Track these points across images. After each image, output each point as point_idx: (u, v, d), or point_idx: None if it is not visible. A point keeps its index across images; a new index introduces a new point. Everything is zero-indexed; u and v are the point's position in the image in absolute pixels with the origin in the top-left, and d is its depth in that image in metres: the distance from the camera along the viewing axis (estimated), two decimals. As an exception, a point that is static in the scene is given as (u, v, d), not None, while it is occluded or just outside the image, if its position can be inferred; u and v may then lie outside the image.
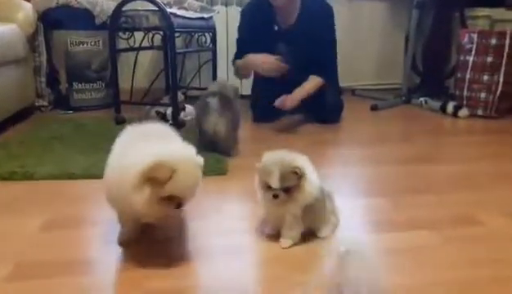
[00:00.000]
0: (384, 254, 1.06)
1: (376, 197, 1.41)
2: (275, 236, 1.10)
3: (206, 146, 1.75)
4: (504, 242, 1.12)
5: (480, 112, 2.59)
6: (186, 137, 1.90)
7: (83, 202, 1.36)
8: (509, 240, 1.13)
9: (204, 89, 2.91)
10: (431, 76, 3.20)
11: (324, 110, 2.35)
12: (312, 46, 2.27)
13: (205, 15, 2.63)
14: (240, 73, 2.45)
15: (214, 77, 2.77)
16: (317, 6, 2.33)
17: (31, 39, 2.49)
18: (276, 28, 2.34)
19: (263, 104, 2.35)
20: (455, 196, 1.42)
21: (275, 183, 1.02)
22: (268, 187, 1.04)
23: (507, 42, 2.49)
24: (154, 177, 0.90)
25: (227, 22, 2.95)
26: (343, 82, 2.62)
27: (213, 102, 1.79)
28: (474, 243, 1.10)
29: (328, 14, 2.34)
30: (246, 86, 2.95)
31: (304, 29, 2.28)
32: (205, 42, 2.72)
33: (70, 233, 1.16)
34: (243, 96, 2.86)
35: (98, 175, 1.54)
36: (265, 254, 1.06)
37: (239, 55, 2.38)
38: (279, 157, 1.06)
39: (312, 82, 2.30)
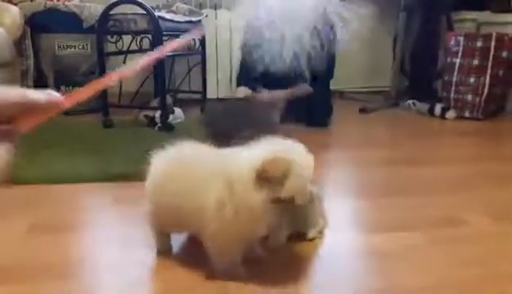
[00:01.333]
0: (370, 255, 1.06)
1: (363, 199, 1.41)
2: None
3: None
4: (489, 241, 1.13)
5: (467, 114, 2.62)
6: (178, 142, 1.88)
7: (70, 206, 1.34)
8: (494, 239, 1.13)
9: (193, 92, 2.94)
10: (419, 79, 3.23)
11: (313, 115, 2.36)
12: (315, 57, 2.28)
13: (194, 19, 2.63)
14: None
15: (204, 80, 2.77)
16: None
17: (18, 43, 2.47)
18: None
19: None
20: (442, 197, 1.43)
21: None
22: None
23: (493, 44, 2.52)
24: (271, 176, 0.79)
25: (216, 25, 2.95)
26: (332, 85, 2.64)
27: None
28: (460, 244, 1.11)
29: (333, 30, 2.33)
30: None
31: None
32: (194, 45, 2.72)
33: (57, 236, 1.14)
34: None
35: (85, 178, 1.55)
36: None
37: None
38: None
39: (301, 90, 2.30)
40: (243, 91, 2.29)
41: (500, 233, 1.18)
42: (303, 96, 2.28)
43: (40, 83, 2.67)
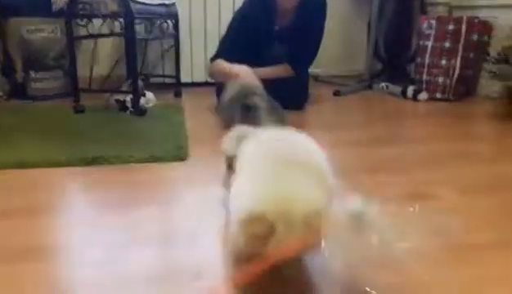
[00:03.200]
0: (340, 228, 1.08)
1: (336, 178, 1.42)
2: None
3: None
4: (457, 213, 1.16)
5: (439, 95, 2.67)
6: (150, 126, 1.87)
7: (39, 191, 1.31)
8: (461, 212, 1.17)
9: (166, 76, 2.90)
10: (393, 62, 3.27)
11: (289, 98, 2.35)
12: (300, 41, 2.29)
13: (167, 2, 2.58)
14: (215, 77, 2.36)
15: (177, 64, 2.73)
16: (315, 2, 2.32)
17: (-17, 27, 2.39)
18: (276, 28, 2.32)
19: None
20: (412, 174, 1.46)
21: None
22: None
23: (464, 27, 2.56)
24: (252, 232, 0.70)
25: (190, 9, 2.90)
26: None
27: (259, 101, 1.57)
28: (428, 216, 1.14)
29: (322, 11, 2.35)
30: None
31: (299, 25, 2.28)
32: (167, 28, 2.68)
33: (28, 221, 1.12)
34: (208, 83, 2.86)
35: (55, 163, 1.52)
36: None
37: (227, 53, 2.27)
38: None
39: (281, 70, 2.30)
40: (220, 63, 2.24)
41: (467, 205, 1.21)
42: (282, 78, 2.28)
43: (8, 69, 2.60)
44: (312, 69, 3.10)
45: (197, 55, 2.96)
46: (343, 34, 3.50)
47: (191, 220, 1.14)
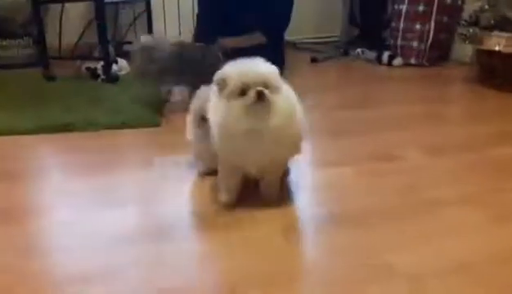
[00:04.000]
0: (309, 187, 1.11)
1: (311, 139, 1.43)
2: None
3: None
4: (418, 172, 1.20)
5: (413, 61, 2.68)
6: (122, 93, 1.84)
7: (7, 158, 1.30)
8: (425, 172, 1.20)
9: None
10: (369, 27, 3.26)
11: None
12: (272, 6, 2.23)
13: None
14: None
15: (150, 29, 2.67)
16: None
17: None
18: None
19: None
20: (383, 136, 1.48)
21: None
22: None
23: (437, -10, 2.56)
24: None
25: (162, -30, 2.82)
26: (285, 35, 2.61)
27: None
28: (393, 176, 1.17)
29: None
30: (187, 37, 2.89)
31: None
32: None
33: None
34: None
35: (24, 131, 1.49)
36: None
37: (205, 22, 2.26)
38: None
39: (253, 39, 2.26)
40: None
41: (431, 165, 1.24)
42: (255, 45, 2.25)
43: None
44: (289, 37, 3.08)
45: (170, 20, 2.89)
46: (319, 1, 3.47)
47: (163, 183, 1.15)
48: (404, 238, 0.88)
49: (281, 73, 0.98)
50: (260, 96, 0.87)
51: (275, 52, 2.38)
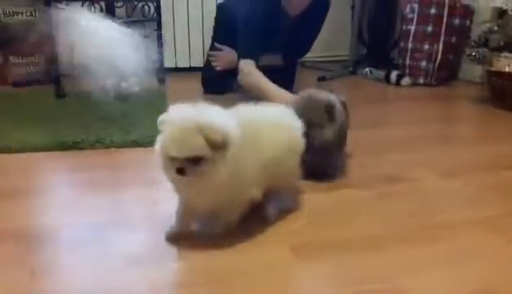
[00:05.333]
0: (322, 209, 1.10)
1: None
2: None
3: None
4: (433, 195, 1.18)
5: (421, 80, 2.69)
6: (132, 111, 1.84)
7: (19, 175, 1.30)
8: (437, 193, 1.19)
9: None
10: (377, 47, 3.28)
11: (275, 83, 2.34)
12: (300, 34, 2.26)
13: (148, -18, 2.54)
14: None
15: (160, 48, 2.69)
16: None
17: (-42, 9, 2.32)
18: (284, 16, 2.20)
19: (214, 73, 2.34)
20: (392, 157, 1.48)
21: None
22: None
23: (446, 11, 2.58)
24: None
25: (173, -9, 2.86)
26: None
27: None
28: (405, 198, 1.16)
29: (328, 8, 2.33)
30: (195, 58, 2.92)
31: (304, 18, 2.21)
32: (149, 11, 2.64)
33: (4, 203, 1.11)
34: (192, 69, 2.85)
35: (36, 148, 1.50)
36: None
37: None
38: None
39: (273, 61, 2.28)
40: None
41: (442, 187, 1.23)
42: (270, 66, 2.26)
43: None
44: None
45: (180, 40, 2.93)
46: (328, 19, 3.48)
47: (173, 203, 1.14)
48: (417, 262, 0.87)
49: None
50: (180, 172, 0.82)
51: (287, 74, 2.40)
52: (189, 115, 0.83)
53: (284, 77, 2.28)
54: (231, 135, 0.83)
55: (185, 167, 0.81)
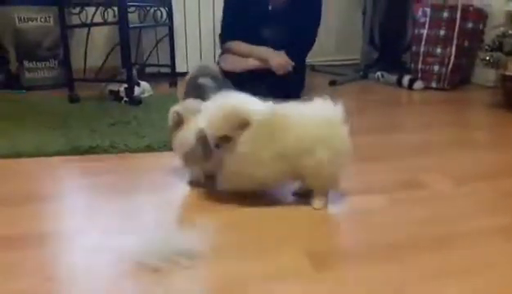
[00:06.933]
0: (338, 216, 1.09)
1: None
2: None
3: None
4: (448, 202, 1.17)
5: (434, 84, 2.67)
6: (145, 116, 1.86)
7: (35, 180, 1.32)
8: (452, 200, 1.18)
9: (161, 65, 2.89)
10: (388, 50, 3.27)
11: (284, 87, 2.35)
12: (298, 25, 2.26)
13: (160, -11, 2.56)
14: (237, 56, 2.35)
15: (172, 53, 2.71)
16: None
17: (-25, 16, 2.36)
18: (270, 7, 2.29)
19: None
20: (405, 162, 1.47)
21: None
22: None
23: (458, 15, 2.56)
24: None
25: (184, -4, 2.88)
26: (303, 57, 2.63)
27: (208, 81, 1.77)
28: (420, 204, 1.15)
29: None
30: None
31: (296, 8, 2.25)
32: (161, 16, 2.66)
33: (20, 209, 1.12)
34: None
35: (50, 152, 1.52)
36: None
37: (229, 35, 2.31)
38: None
39: (275, 54, 2.29)
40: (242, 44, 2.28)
41: (458, 195, 1.22)
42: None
43: (1, 58, 2.57)
44: (307, 59, 3.10)
45: (192, 44, 2.94)
46: (339, 23, 3.50)
47: (186, 208, 1.15)
48: (437, 272, 0.86)
49: (300, 97, 1.02)
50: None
51: (296, 75, 2.40)
52: (222, 100, 1.04)
53: (293, 79, 2.29)
54: (253, 117, 1.02)
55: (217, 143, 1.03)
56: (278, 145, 1.04)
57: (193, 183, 1.25)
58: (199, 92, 1.79)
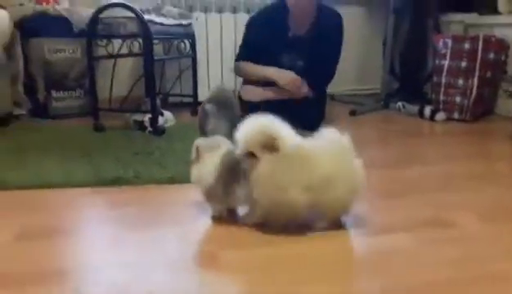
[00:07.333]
0: (361, 257, 1.07)
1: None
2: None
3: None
4: (477, 242, 1.14)
5: (456, 115, 2.65)
6: (168, 145, 1.88)
7: (61, 211, 1.34)
8: (482, 240, 1.15)
9: (184, 95, 2.94)
10: (409, 81, 3.27)
11: (305, 117, 2.36)
12: (318, 55, 2.30)
13: (184, 22, 2.63)
14: (245, 76, 2.45)
15: (195, 83, 2.77)
16: (331, 16, 2.34)
17: (8, 47, 2.45)
18: (290, 34, 2.34)
19: (245, 109, 2.38)
20: (430, 197, 1.45)
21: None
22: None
23: (480, 46, 2.55)
24: None
25: (207, 28, 2.96)
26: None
27: (210, 107, 1.85)
28: (449, 245, 1.12)
29: (340, 28, 2.37)
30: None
31: (316, 38, 2.30)
32: (185, 48, 2.73)
33: (47, 242, 1.14)
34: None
35: (76, 183, 1.55)
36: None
37: (246, 56, 2.37)
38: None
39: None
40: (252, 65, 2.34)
41: (487, 234, 1.19)
42: (299, 98, 2.30)
43: (30, 88, 2.66)
44: (328, 88, 3.13)
45: (214, 75, 3.00)
46: (359, 53, 3.52)
47: (210, 242, 1.15)
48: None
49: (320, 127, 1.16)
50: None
51: (317, 105, 2.42)
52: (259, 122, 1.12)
53: (312, 108, 2.30)
54: (283, 143, 1.08)
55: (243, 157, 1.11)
56: (303, 177, 1.09)
57: (216, 217, 1.26)
58: (203, 117, 1.90)
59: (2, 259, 1.06)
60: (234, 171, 1.16)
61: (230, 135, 1.89)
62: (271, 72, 2.26)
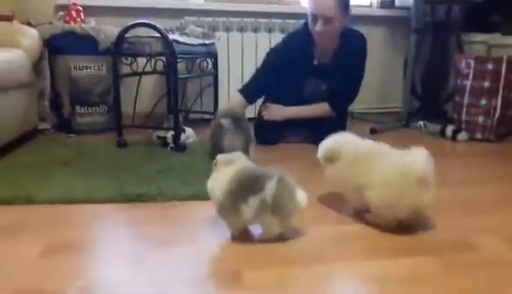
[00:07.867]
0: (386, 281, 1.06)
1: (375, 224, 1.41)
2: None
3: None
4: (502, 266, 1.12)
5: (479, 136, 2.61)
6: (190, 162, 1.91)
7: (85, 228, 1.36)
8: (507, 264, 1.13)
9: (205, 112, 2.98)
10: (430, 100, 3.25)
11: (326, 136, 2.38)
12: (340, 78, 2.35)
13: (207, 42, 2.68)
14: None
15: (216, 100, 2.80)
16: (355, 39, 2.39)
17: (36, 64, 2.53)
18: (315, 62, 2.40)
19: (267, 125, 2.41)
20: (454, 220, 1.42)
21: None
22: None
23: (504, 67, 2.53)
24: None
25: (228, 47, 3.00)
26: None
27: (227, 122, 1.88)
28: (476, 271, 1.10)
29: (363, 50, 2.40)
30: (249, 108, 2.99)
31: (339, 66, 2.35)
32: (207, 67, 2.77)
33: (71, 258, 1.16)
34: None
35: (100, 199, 1.57)
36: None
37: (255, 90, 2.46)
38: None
39: (318, 110, 2.36)
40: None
41: (515, 258, 1.17)
42: (320, 117, 2.33)
43: (56, 104, 2.73)
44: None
45: (234, 92, 3.02)
46: (380, 71, 3.52)
47: (234, 260, 1.15)
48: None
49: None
50: None
51: (338, 125, 2.42)
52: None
53: (334, 127, 2.30)
54: (335, 154, 1.44)
55: None
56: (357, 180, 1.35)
57: (234, 235, 1.26)
58: (217, 131, 1.97)
59: (28, 275, 1.07)
60: (244, 189, 1.17)
61: (246, 151, 1.93)
62: (307, 113, 2.40)
